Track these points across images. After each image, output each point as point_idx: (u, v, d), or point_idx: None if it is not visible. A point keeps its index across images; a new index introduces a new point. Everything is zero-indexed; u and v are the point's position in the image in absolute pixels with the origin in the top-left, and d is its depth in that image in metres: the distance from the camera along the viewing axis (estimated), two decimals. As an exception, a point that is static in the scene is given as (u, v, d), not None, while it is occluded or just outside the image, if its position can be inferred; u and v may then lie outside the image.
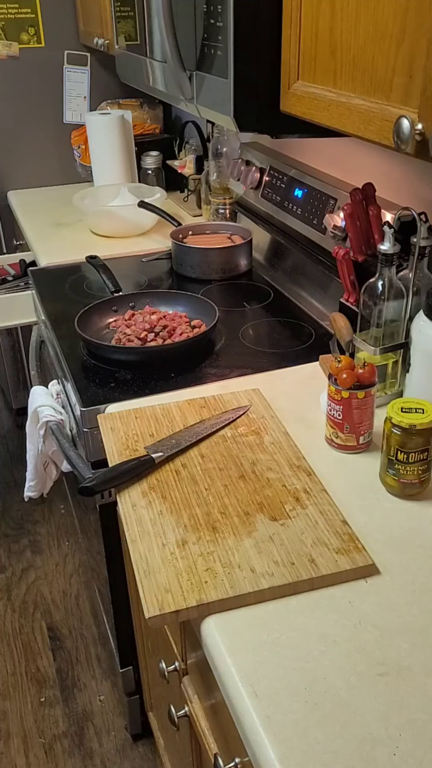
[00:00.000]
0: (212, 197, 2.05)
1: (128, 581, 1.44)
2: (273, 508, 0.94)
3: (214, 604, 0.80)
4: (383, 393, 1.18)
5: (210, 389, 1.26)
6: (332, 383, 1.04)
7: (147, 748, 1.73)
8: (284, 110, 1.07)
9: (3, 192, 2.62)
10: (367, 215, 1.25)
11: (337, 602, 0.82)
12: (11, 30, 2.42)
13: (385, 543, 0.90)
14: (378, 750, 0.66)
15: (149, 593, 0.82)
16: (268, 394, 1.22)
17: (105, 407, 1.22)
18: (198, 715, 1.00)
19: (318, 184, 1.56)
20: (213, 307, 1.47)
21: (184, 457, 1.06)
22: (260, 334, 1.49)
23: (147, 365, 1.34)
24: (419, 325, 1.06)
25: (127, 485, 1.00)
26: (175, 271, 1.82)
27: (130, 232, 2.07)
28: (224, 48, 1.07)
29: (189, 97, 1.26)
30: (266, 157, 1.81)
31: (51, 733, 1.78)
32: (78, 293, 1.70)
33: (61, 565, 2.30)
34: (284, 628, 0.78)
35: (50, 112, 2.57)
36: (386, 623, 0.79)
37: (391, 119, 0.78)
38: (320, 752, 0.66)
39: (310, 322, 1.53)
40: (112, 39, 1.88)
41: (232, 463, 1.04)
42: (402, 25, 0.76)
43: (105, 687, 1.89)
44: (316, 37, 0.95)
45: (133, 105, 2.54)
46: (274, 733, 0.67)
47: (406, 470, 0.96)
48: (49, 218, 2.26)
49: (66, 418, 1.42)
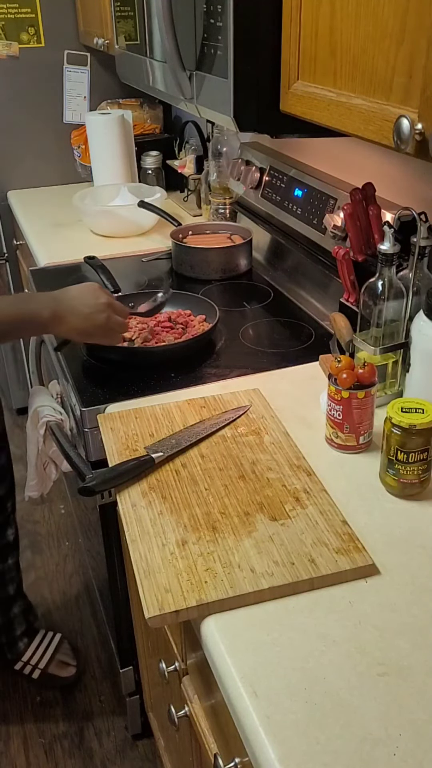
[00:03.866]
0: (212, 197, 2.05)
1: (128, 581, 1.44)
2: (273, 508, 0.94)
3: (214, 604, 0.80)
4: (383, 393, 1.18)
5: (210, 389, 1.26)
6: (332, 383, 1.04)
7: (147, 748, 1.73)
8: (284, 110, 1.07)
9: (3, 192, 2.62)
10: (367, 215, 1.25)
11: (337, 602, 0.82)
12: (11, 30, 2.42)
13: (385, 543, 0.90)
14: (378, 750, 0.66)
15: (149, 593, 0.82)
16: (268, 394, 1.22)
17: (105, 407, 1.22)
18: (198, 715, 1.00)
19: (318, 184, 1.56)
20: (213, 307, 1.47)
21: (184, 457, 1.06)
22: (260, 334, 1.49)
23: (147, 365, 1.34)
24: (419, 325, 1.06)
25: (127, 485, 1.00)
26: (175, 271, 1.82)
27: (130, 232, 2.07)
28: (224, 48, 1.07)
29: (189, 97, 1.26)
30: (266, 157, 1.81)
31: (51, 734, 1.78)
32: (78, 293, 1.70)
33: (61, 565, 2.30)
34: (284, 628, 0.78)
35: (50, 112, 2.57)
36: (386, 623, 0.79)
37: (391, 119, 0.78)
38: (320, 752, 0.66)
39: (310, 322, 1.53)
40: (112, 39, 1.88)
41: (232, 463, 1.04)
42: (402, 25, 0.76)
43: (105, 687, 1.89)
44: (316, 37, 0.95)
45: (133, 105, 2.54)
46: (274, 733, 0.67)
47: (406, 470, 0.96)
48: (49, 218, 2.26)
49: (66, 418, 1.42)
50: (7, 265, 2.74)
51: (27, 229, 2.21)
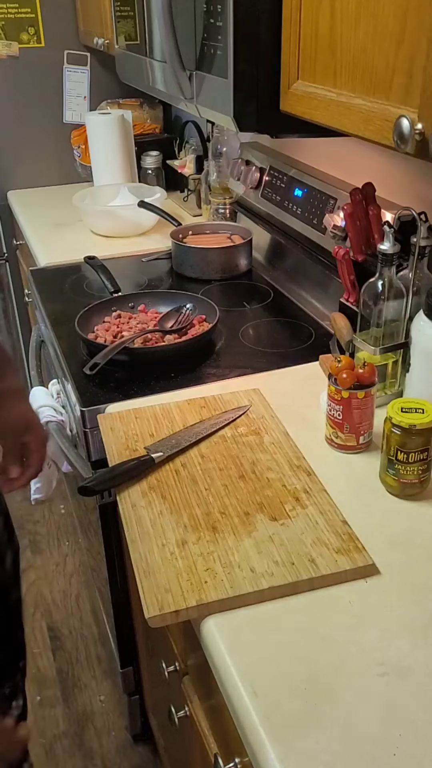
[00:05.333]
0: (212, 197, 2.05)
1: (128, 581, 1.44)
2: (273, 508, 0.94)
3: (214, 604, 0.80)
4: (383, 393, 1.18)
5: (210, 389, 1.26)
6: (332, 383, 1.04)
7: (147, 748, 1.73)
8: (284, 110, 1.07)
9: (3, 192, 2.62)
10: (367, 215, 1.25)
11: (337, 602, 0.82)
12: (11, 30, 2.42)
13: (385, 543, 0.90)
14: (378, 750, 0.66)
15: (149, 593, 0.82)
16: (268, 394, 1.22)
17: (105, 407, 1.22)
18: (198, 715, 1.00)
19: (318, 184, 1.56)
20: (213, 307, 1.47)
21: (184, 457, 1.06)
22: (260, 334, 1.49)
23: (147, 365, 1.34)
24: (419, 325, 1.06)
25: (127, 485, 1.00)
26: (175, 271, 1.82)
27: (130, 232, 2.07)
28: (224, 48, 1.07)
29: (189, 97, 1.26)
30: (266, 156, 1.81)
31: (51, 733, 1.78)
32: (78, 293, 1.70)
33: (61, 565, 2.30)
34: (284, 628, 0.78)
35: (50, 112, 2.57)
36: (386, 623, 0.79)
37: (391, 119, 0.78)
38: (320, 752, 0.66)
39: (310, 322, 1.53)
40: (112, 39, 1.88)
41: (232, 463, 1.04)
42: (402, 25, 0.76)
43: (105, 687, 1.89)
44: (316, 37, 0.95)
45: (133, 105, 2.54)
46: (274, 733, 0.67)
47: (406, 470, 0.96)
48: (49, 218, 2.26)
49: (66, 418, 1.42)
50: (7, 265, 2.74)
51: (27, 229, 2.21)
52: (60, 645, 2.03)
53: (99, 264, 1.72)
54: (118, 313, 1.52)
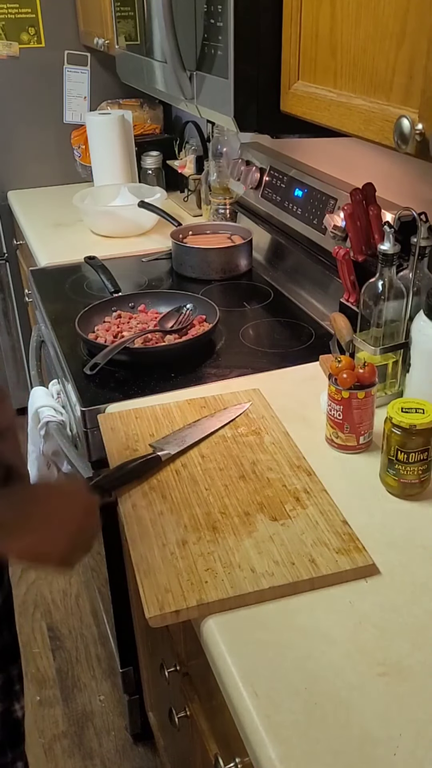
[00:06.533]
0: (212, 197, 2.05)
1: (128, 581, 1.44)
2: (273, 508, 0.94)
3: (214, 604, 0.80)
4: (383, 393, 1.18)
5: (210, 389, 1.26)
6: (332, 383, 1.04)
7: (147, 749, 1.73)
8: (284, 110, 1.07)
9: (3, 192, 2.62)
10: (367, 215, 1.25)
11: (337, 602, 0.82)
12: (11, 30, 2.42)
13: (385, 543, 0.90)
14: (378, 750, 0.66)
15: (149, 593, 0.82)
16: (268, 394, 1.22)
17: (105, 407, 1.22)
18: (198, 715, 1.00)
19: (318, 184, 1.56)
20: (213, 307, 1.47)
21: (184, 457, 1.06)
22: (260, 334, 1.49)
23: (147, 365, 1.34)
24: (419, 325, 1.06)
25: (128, 485, 1.00)
26: (175, 271, 1.82)
27: (130, 232, 2.07)
28: (224, 48, 1.07)
29: (189, 97, 1.26)
30: (266, 157, 1.81)
31: (51, 733, 1.78)
32: (78, 293, 1.70)
33: (61, 565, 2.30)
34: (284, 628, 0.78)
35: (50, 112, 2.57)
36: (386, 623, 0.79)
37: (391, 119, 0.78)
38: (320, 752, 0.66)
39: (310, 322, 1.53)
40: (112, 39, 1.88)
41: (233, 463, 1.04)
42: (402, 26, 0.76)
43: (105, 687, 1.89)
44: (317, 38, 0.95)
45: (133, 105, 2.54)
46: (275, 733, 0.67)
47: (406, 470, 0.96)
48: (49, 218, 2.26)
49: (66, 418, 1.42)
50: (7, 265, 2.75)
51: (27, 229, 2.21)
52: (60, 645, 2.03)
53: (99, 264, 1.72)
54: (118, 313, 1.52)
